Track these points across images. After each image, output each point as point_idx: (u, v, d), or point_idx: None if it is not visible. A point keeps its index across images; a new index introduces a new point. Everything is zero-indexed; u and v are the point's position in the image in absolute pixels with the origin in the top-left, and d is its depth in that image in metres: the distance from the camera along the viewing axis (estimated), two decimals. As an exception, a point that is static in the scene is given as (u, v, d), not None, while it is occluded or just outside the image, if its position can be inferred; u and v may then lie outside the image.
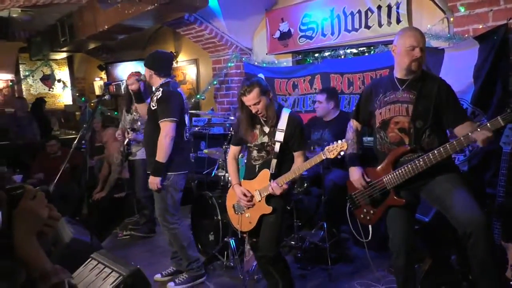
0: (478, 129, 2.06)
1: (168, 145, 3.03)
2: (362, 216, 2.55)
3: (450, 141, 2.16)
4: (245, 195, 2.69)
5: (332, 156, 2.39)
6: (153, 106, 3.13)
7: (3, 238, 1.06)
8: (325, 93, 3.96)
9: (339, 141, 2.38)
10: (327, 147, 2.42)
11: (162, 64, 3.27)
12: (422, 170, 2.23)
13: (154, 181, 3.09)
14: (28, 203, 1.10)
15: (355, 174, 2.51)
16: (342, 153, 2.38)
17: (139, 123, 4.21)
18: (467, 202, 2.16)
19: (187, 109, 3.29)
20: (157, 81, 3.22)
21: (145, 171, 4.29)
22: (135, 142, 4.28)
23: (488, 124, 2.04)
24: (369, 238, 2.61)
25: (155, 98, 3.13)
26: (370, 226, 2.57)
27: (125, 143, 4.25)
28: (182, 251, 3.27)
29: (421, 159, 2.22)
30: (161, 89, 3.14)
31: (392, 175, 2.34)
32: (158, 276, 3.49)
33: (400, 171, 2.30)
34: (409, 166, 2.26)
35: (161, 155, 3.04)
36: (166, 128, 3.02)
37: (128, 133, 4.20)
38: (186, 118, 3.26)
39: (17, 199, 1.10)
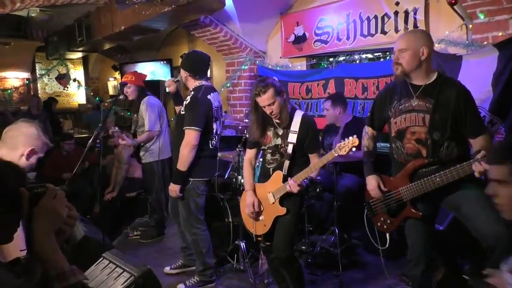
0: (477, 162, 1.99)
1: (188, 153, 3.00)
2: (379, 224, 2.52)
3: (462, 165, 2.10)
4: (253, 205, 2.69)
5: (344, 153, 2.37)
6: (182, 111, 3.12)
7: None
8: (329, 99, 4.02)
9: (350, 137, 2.36)
10: (338, 144, 2.40)
11: (198, 66, 3.21)
12: (439, 186, 2.19)
13: (174, 189, 3.09)
14: (49, 202, 1.13)
15: (371, 183, 2.47)
16: (354, 149, 2.36)
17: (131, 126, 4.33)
18: (490, 215, 2.10)
19: (217, 116, 3.20)
20: (192, 84, 3.19)
21: (153, 173, 4.31)
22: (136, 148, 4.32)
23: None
24: (387, 245, 2.56)
25: (185, 102, 3.12)
26: (387, 234, 2.53)
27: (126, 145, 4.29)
28: (199, 256, 3.28)
29: (438, 177, 2.17)
30: (192, 94, 3.11)
31: (408, 187, 2.30)
32: (167, 269, 3.60)
33: (417, 184, 2.26)
34: (425, 181, 2.22)
35: (181, 163, 3.03)
36: (189, 136, 3.00)
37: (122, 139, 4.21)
38: (215, 125, 3.19)
39: (38, 197, 1.13)
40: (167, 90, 3.30)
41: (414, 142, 2.30)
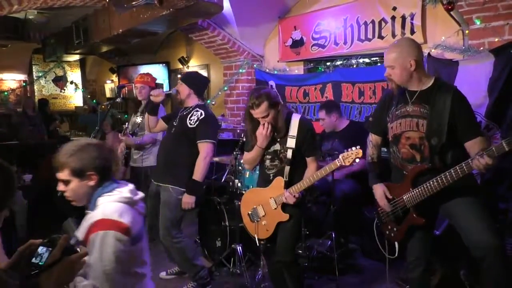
0: (478, 157, 1.97)
1: (207, 165, 3.13)
2: (387, 232, 2.51)
3: (460, 164, 2.08)
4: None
5: (348, 164, 2.36)
6: (190, 124, 3.15)
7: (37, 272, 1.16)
8: (323, 108, 3.96)
9: (353, 148, 2.35)
10: (342, 154, 2.39)
11: (202, 86, 3.44)
12: (437, 190, 2.19)
13: (190, 200, 3.12)
14: (77, 261, 1.23)
15: (378, 192, 2.47)
16: (357, 160, 2.36)
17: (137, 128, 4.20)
18: (483, 226, 2.13)
19: None
20: (193, 101, 3.27)
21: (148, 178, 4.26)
22: (134, 149, 4.25)
23: (493, 149, 1.95)
24: (396, 255, 2.53)
25: (194, 117, 3.16)
26: (396, 243, 2.49)
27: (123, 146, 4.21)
28: (187, 263, 3.25)
29: (435, 181, 2.17)
30: (200, 110, 3.19)
31: (411, 193, 2.30)
32: (163, 274, 3.58)
33: (418, 190, 2.26)
34: (426, 186, 2.22)
35: (200, 174, 3.11)
36: (207, 149, 3.11)
37: (124, 135, 4.13)
38: None
39: (72, 251, 1.24)
40: (151, 98, 3.28)
41: (408, 147, 2.32)
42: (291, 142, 2.59)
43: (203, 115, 3.15)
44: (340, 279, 3.31)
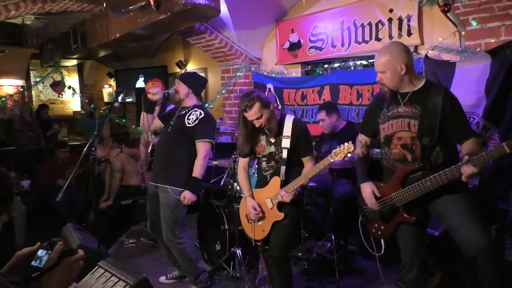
0: (464, 165, 2.02)
1: (206, 164, 3.18)
2: (374, 230, 2.52)
3: (457, 166, 2.09)
4: (254, 208, 2.71)
5: (340, 159, 2.38)
6: (188, 123, 3.16)
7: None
8: (323, 109, 3.97)
9: (345, 144, 2.37)
10: (334, 150, 2.41)
11: (201, 86, 3.47)
12: (429, 191, 2.20)
13: (191, 197, 3.11)
14: (75, 263, 1.24)
15: (366, 190, 2.47)
16: (349, 155, 2.37)
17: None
18: (472, 226, 2.14)
19: None
20: (192, 100, 3.29)
21: None
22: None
23: (475, 158, 1.98)
24: (382, 252, 2.55)
25: (193, 116, 3.18)
26: (382, 240, 2.52)
27: (149, 149, 4.19)
28: (190, 264, 3.25)
29: (428, 181, 2.18)
30: (199, 110, 3.21)
31: (401, 192, 2.31)
32: (162, 279, 3.57)
33: (408, 189, 2.27)
34: (416, 186, 2.23)
35: (200, 172, 3.14)
36: (206, 148, 3.14)
37: (151, 137, 4.12)
38: None
39: (70, 254, 1.25)
40: (149, 96, 3.26)
41: (400, 147, 2.33)
42: (285, 143, 2.62)
43: (202, 115, 3.17)
44: (340, 281, 3.31)
